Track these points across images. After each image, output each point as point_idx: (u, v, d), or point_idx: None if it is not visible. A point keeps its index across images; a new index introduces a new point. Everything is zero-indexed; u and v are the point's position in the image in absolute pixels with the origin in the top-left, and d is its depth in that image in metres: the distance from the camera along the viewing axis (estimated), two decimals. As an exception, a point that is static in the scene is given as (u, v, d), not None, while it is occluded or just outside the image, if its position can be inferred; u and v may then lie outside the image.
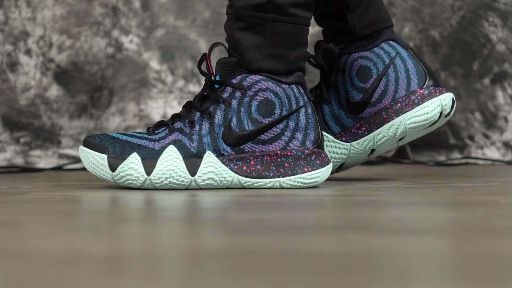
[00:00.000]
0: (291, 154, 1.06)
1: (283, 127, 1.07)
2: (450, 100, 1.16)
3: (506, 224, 0.72)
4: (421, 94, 1.16)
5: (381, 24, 1.20)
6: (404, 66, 1.17)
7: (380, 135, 1.17)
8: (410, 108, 1.15)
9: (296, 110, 1.07)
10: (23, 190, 1.08)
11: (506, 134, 1.74)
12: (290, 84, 1.08)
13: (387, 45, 1.18)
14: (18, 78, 1.68)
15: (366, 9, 1.19)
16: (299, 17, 1.08)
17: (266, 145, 1.06)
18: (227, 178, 1.05)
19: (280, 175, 1.05)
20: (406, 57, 1.18)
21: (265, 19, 1.07)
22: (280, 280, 0.48)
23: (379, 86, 1.17)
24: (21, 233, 0.68)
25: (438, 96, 1.16)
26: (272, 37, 1.07)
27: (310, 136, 1.08)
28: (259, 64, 1.07)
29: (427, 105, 1.15)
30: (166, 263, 0.54)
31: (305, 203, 0.93)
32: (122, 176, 1.03)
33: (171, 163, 1.03)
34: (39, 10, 1.70)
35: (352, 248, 0.59)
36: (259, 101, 1.06)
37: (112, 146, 1.04)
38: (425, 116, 1.15)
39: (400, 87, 1.17)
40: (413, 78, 1.17)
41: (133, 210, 0.87)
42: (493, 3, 1.76)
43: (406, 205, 0.88)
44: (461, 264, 0.53)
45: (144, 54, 1.72)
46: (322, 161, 1.07)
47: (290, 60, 1.09)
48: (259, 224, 0.73)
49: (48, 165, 1.65)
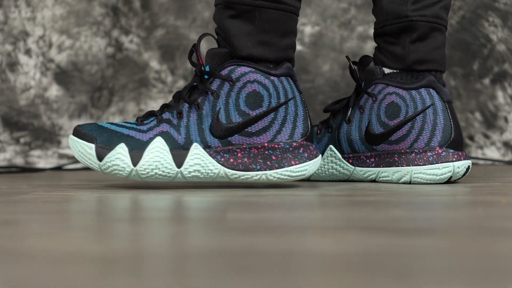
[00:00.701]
0: (278, 147, 1.05)
1: (271, 120, 1.06)
2: (464, 168, 1.15)
3: (506, 224, 0.72)
4: (438, 154, 1.14)
5: (434, 66, 1.19)
6: (434, 119, 1.16)
7: (385, 173, 1.17)
8: (422, 163, 1.14)
9: (285, 102, 1.07)
10: (23, 190, 1.08)
11: (506, 134, 1.74)
12: (279, 76, 1.07)
13: (426, 92, 1.17)
14: (18, 78, 1.68)
15: (426, 45, 1.18)
16: (287, 5, 1.08)
17: (254, 138, 1.05)
18: (214, 170, 1.04)
19: (267, 168, 1.04)
20: (439, 111, 1.16)
21: (254, 6, 1.06)
22: (280, 280, 0.48)
23: (401, 129, 1.17)
24: (21, 233, 0.68)
25: (454, 162, 1.14)
26: (261, 24, 1.06)
27: (298, 129, 1.07)
28: (249, 51, 1.06)
29: (438, 168, 1.14)
30: (166, 263, 0.54)
31: (305, 203, 0.93)
32: (109, 166, 1.03)
33: (158, 155, 1.03)
34: (39, 10, 1.70)
35: (352, 248, 0.59)
36: (247, 93, 1.06)
37: (101, 136, 1.04)
38: (433, 177, 1.14)
39: (421, 138, 1.15)
40: (438, 134, 1.15)
41: (133, 210, 0.87)
42: (493, 3, 1.76)
43: (406, 205, 0.88)
44: (461, 264, 0.53)
45: (144, 54, 1.72)
46: (310, 154, 1.07)
47: (280, 48, 1.08)
48: (259, 224, 0.73)
49: (48, 165, 1.65)
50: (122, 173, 1.04)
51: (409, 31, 1.18)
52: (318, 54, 1.77)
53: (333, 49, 1.77)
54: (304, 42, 1.76)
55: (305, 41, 1.76)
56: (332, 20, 1.78)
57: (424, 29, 1.18)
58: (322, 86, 1.77)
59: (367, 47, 1.77)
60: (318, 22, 1.78)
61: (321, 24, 1.78)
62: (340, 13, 1.78)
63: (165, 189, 1.06)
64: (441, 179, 1.14)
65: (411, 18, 1.17)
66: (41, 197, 0.99)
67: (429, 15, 1.18)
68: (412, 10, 1.18)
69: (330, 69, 1.77)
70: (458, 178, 1.15)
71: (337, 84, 1.77)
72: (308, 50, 1.76)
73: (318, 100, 1.77)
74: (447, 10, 1.20)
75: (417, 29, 1.18)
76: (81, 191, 1.06)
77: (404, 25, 1.18)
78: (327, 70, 1.77)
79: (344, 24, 1.78)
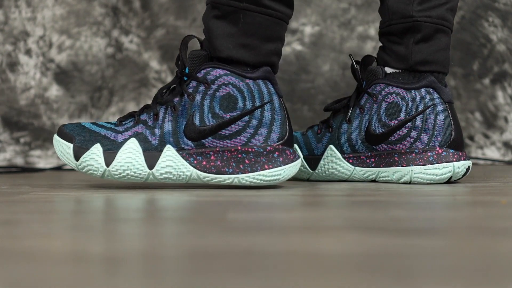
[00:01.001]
0: (252, 151, 1.04)
1: (245, 123, 1.05)
2: (464, 169, 1.15)
3: (506, 224, 0.72)
4: (438, 154, 1.15)
5: (437, 67, 1.19)
6: (434, 119, 1.16)
7: (385, 173, 1.18)
8: (422, 163, 1.14)
9: (261, 105, 1.06)
10: (23, 190, 1.08)
11: (506, 134, 1.74)
12: (255, 79, 1.06)
13: (426, 92, 1.17)
14: (18, 78, 1.68)
15: (430, 46, 1.18)
16: (274, 10, 1.06)
17: (227, 141, 1.05)
18: (186, 172, 1.05)
19: (239, 172, 1.04)
20: (440, 111, 1.16)
21: (239, 8, 1.06)
22: (280, 280, 0.48)
23: (401, 129, 1.16)
24: (21, 233, 0.68)
25: (454, 162, 1.14)
26: (244, 26, 1.06)
27: (275, 133, 1.05)
28: (229, 53, 1.06)
29: (438, 168, 1.14)
30: (166, 263, 0.54)
31: (305, 203, 0.93)
32: (84, 166, 1.05)
33: (130, 156, 1.04)
34: (39, 10, 1.70)
35: (352, 248, 0.59)
36: (221, 96, 1.05)
37: (79, 136, 1.06)
38: (432, 177, 1.14)
39: (421, 138, 1.15)
40: (438, 134, 1.15)
41: (133, 210, 0.87)
42: (493, 3, 1.76)
43: (406, 205, 0.88)
44: (461, 264, 0.53)
45: (144, 54, 1.72)
46: (286, 158, 1.05)
47: (261, 52, 1.07)
48: (259, 224, 0.73)
49: (48, 165, 1.65)
50: (96, 173, 1.06)
51: (414, 32, 1.18)
52: (318, 54, 1.77)
53: (333, 49, 1.77)
54: (304, 42, 1.76)
55: (305, 41, 1.76)
56: (332, 20, 1.78)
57: (428, 30, 1.18)
58: (322, 86, 1.77)
59: (367, 47, 1.77)
60: (318, 22, 1.78)
61: (321, 24, 1.78)
62: (340, 13, 1.78)
63: (165, 189, 1.06)
64: (441, 179, 1.14)
65: (416, 19, 1.17)
66: (41, 197, 0.99)
67: (435, 16, 1.18)
68: (417, 10, 1.17)
69: (330, 69, 1.77)
70: (458, 178, 1.15)
71: (337, 84, 1.77)
72: (308, 50, 1.76)
73: (318, 100, 1.77)
74: (453, 12, 1.20)
75: (422, 29, 1.17)
76: (81, 191, 1.06)
77: (409, 25, 1.18)
78: (327, 70, 1.77)
79: (344, 24, 1.78)
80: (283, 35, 1.09)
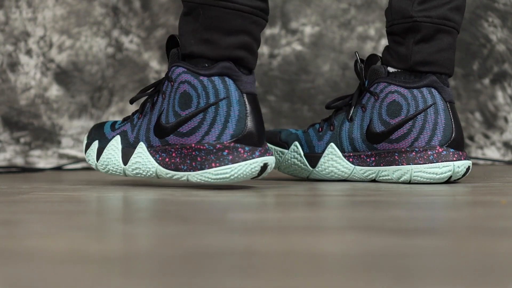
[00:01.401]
0: (203, 148, 1.03)
1: (200, 120, 1.04)
2: (464, 168, 1.15)
3: (506, 224, 0.72)
4: (438, 153, 1.14)
5: (437, 68, 1.18)
6: (435, 118, 1.15)
7: (385, 172, 1.18)
8: (423, 162, 1.14)
9: (215, 102, 1.04)
10: (23, 190, 1.08)
11: (506, 134, 1.74)
12: (209, 76, 1.04)
13: (427, 91, 1.16)
14: (18, 78, 1.68)
15: (431, 47, 1.17)
16: (232, 2, 1.04)
17: (185, 138, 1.05)
18: (152, 169, 1.07)
19: (191, 169, 1.03)
20: (440, 110, 1.16)
21: (198, 3, 1.05)
22: (280, 280, 0.48)
23: (402, 128, 1.16)
24: (21, 233, 0.68)
25: (454, 161, 1.14)
26: (204, 21, 1.05)
27: (229, 130, 1.03)
28: (191, 48, 1.06)
29: (438, 166, 1.14)
30: (166, 263, 0.54)
31: (305, 203, 0.93)
32: (87, 159, 1.16)
33: (111, 152, 1.11)
34: (40, 11, 1.70)
35: (352, 248, 0.59)
36: (180, 94, 1.06)
37: (94, 133, 1.15)
38: (433, 176, 1.14)
39: (421, 137, 1.15)
40: (438, 133, 1.15)
41: (133, 210, 0.87)
42: (493, 3, 1.76)
43: (406, 205, 0.88)
44: (461, 264, 0.53)
45: (144, 54, 1.72)
46: (237, 157, 1.02)
47: (222, 46, 1.05)
48: (259, 224, 0.73)
49: (48, 165, 1.65)
50: (92, 166, 1.16)
51: (414, 32, 1.17)
52: (318, 54, 1.77)
53: (333, 49, 1.77)
54: (304, 42, 1.76)
55: (305, 41, 1.76)
56: (332, 20, 1.78)
57: (428, 31, 1.17)
58: (322, 86, 1.77)
59: (367, 47, 1.77)
60: (318, 22, 1.78)
61: (321, 24, 1.78)
62: (340, 13, 1.78)
63: (164, 189, 1.07)
64: (441, 178, 1.14)
65: (416, 19, 1.17)
66: (41, 197, 0.99)
67: (435, 16, 1.17)
68: (417, 10, 1.17)
69: (330, 69, 1.77)
70: (458, 178, 1.15)
71: (337, 84, 1.77)
72: (308, 50, 1.76)
73: (318, 100, 1.77)
74: (459, 12, 1.19)
75: (421, 30, 1.17)
76: (81, 191, 1.06)
77: (409, 25, 1.17)
78: (327, 70, 1.77)
79: (344, 24, 1.78)
80: (250, 28, 1.06)
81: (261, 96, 1.75)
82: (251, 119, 1.04)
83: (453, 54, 1.20)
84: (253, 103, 1.05)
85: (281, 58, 1.75)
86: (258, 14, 1.06)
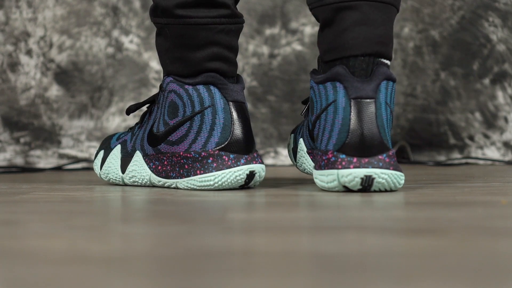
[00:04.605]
0: (190, 156, 1.04)
1: (187, 129, 1.05)
2: (359, 180, 0.96)
3: (506, 224, 0.72)
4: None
5: (343, 52, 1.01)
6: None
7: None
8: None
9: (200, 111, 1.04)
10: (23, 190, 1.08)
11: (506, 134, 1.74)
12: (194, 85, 1.04)
13: (331, 86, 1.00)
14: (18, 78, 1.68)
15: (332, 31, 1.03)
16: (190, 18, 1.04)
17: (175, 146, 1.06)
18: (146, 176, 1.09)
19: (179, 176, 1.05)
20: (340, 109, 0.98)
21: (162, 23, 1.06)
22: (280, 280, 0.48)
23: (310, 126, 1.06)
24: (21, 233, 0.68)
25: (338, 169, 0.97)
26: (172, 40, 1.06)
27: (214, 138, 1.02)
28: (167, 68, 1.08)
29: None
30: (166, 263, 0.54)
31: (305, 203, 0.93)
32: (94, 168, 1.17)
33: (111, 161, 1.14)
34: (40, 11, 1.70)
35: (352, 248, 0.59)
36: (168, 103, 1.07)
37: (104, 142, 1.17)
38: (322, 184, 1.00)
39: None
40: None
41: (133, 210, 0.87)
42: (493, 3, 1.76)
43: (406, 205, 0.88)
44: (461, 264, 0.53)
45: (144, 54, 1.72)
46: (221, 164, 1.01)
47: (193, 62, 1.05)
48: (259, 224, 0.73)
49: (48, 165, 1.65)
50: (97, 175, 1.17)
51: (318, 21, 1.06)
52: (318, 54, 1.77)
53: (333, 49, 1.77)
54: (304, 42, 1.76)
55: (305, 41, 1.76)
56: (332, 20, 1.78)
57: (326, 14, 1.03)
58: (322, 86, 1.77)
59: (367, 47, 1.77)
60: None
61: (321, 24, 1.78)
62: (340, 13, 1.78)
63: (164, 189, 1.07)
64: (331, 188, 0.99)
65: (311, 8, 1.06)
66: (41, 197, 0.99)
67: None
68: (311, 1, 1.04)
69: (330, 69, 1.77)
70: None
71: (337, 84, 1.77)
72: (308, 50, 1.76)
73: (318, 100, 1.77)
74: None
75: (319, 16, 1.04)
76: (81, 191, 1.06)
77: (315, 16, 1.06)
78: (327, 70, 1.77)
79: (344, 24, 1.78)
80: (217, 38, 1.04)
81: (261, 96, 1.75)
82: (238, 127, 1.03)
83: (363, 29, 1.00)
84: (239, 111, 1.04)
85: (281, 58, 1.76)
86: (223, 22, 1.05)
